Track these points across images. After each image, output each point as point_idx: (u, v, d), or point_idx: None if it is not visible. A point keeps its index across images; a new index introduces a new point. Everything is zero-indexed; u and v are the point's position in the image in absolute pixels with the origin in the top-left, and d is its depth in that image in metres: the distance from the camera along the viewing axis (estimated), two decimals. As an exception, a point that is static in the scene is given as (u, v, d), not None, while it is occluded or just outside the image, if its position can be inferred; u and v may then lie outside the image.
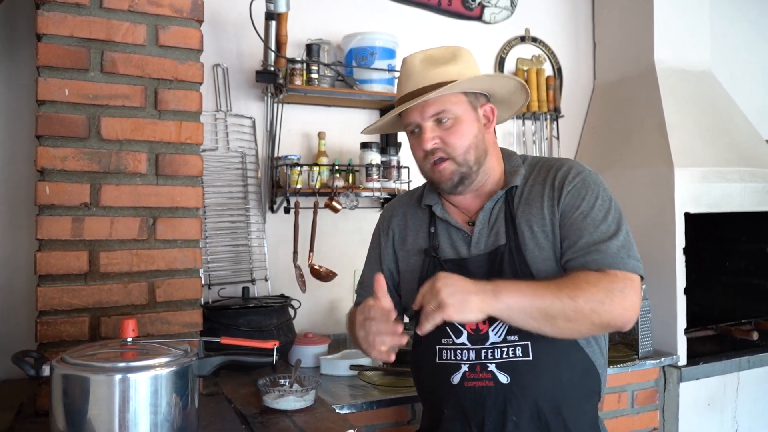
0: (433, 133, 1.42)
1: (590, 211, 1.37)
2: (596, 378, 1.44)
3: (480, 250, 1.45)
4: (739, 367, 2.77)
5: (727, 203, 2.78)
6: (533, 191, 1.45)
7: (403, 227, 1.61)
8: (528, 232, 1.41)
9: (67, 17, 1.65)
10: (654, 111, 2.89)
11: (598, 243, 1.33)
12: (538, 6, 3.24)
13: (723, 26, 3.50)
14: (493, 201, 1.47)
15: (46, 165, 1.62)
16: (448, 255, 1.48)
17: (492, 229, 1.45)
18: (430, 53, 1.47)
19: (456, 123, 1.42)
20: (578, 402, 1.41)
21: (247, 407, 1.70)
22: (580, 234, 1.36)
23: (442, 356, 1.44)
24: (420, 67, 1.45)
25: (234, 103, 2.50)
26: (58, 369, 1.21)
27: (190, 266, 1.78)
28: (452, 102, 1.42)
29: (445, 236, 1.51)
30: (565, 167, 1.45)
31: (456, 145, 1.42)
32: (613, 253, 1.32)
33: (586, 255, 1.33)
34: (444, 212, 1.52)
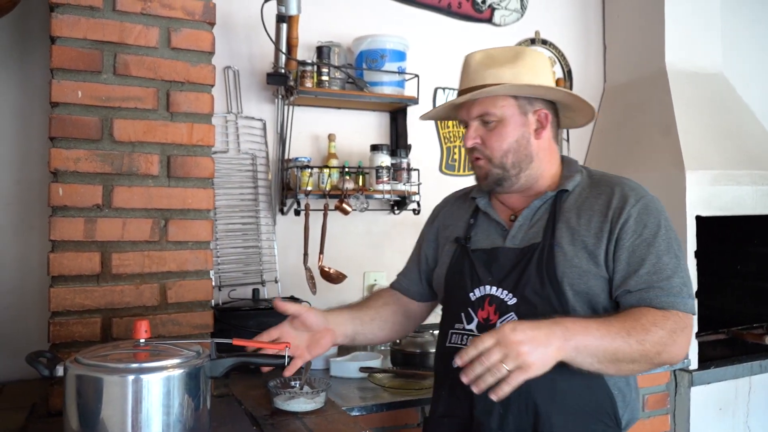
0: (476, 132, 1.46)
1: (653, 240, 1.35)
2: (607, 398, 1.37)
3: (515, 244, 1.45)
4: (750, 371, 2.75)
5: (738, 206, 2.76)
6: (587, 202, 1.43)
7: (448, 217, 1.65)
8: (568, 238, 1.39)
9: (81, 20, 1.66)
10: (665, 114, 2.87)
11: (663, 279, 1.32)
12: (549, 8, 3.23)
13: (735, 28, 3.48)
14: (542, 200, 1.47)
15: (59, 166, 1.63)
16: (481, 245, 1.50)
17: (532, 226, 1.46)
18: (492, 53, 1.47)
19: (499, 125, 1.44)
20: (576, 418, 1.35)
21: (258, 409, 1.70)
22: (642, 262, 1.33)
23: (451, 340, 1.47)
24: (475, 66, 1.46)
25: (245, 105, 2.51)
26: (71, 369, 1.21)
27: (202, 268, 1.79)
28: (498, 105, 1.43)
29: (482, 228, 1.53)
30: (627, 188, 1.42)
31: (494, 147, 1.44)
32: (676, 291, 1.31)
33: (650, 290, 1.32)
34: (487, 205, 1.54)
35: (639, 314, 1.29)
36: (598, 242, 1.37)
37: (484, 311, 1.41)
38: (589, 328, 1.23)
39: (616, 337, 1.23)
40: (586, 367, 1.24)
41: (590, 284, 1.36)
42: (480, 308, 1.43)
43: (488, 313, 1.41)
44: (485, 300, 1.42)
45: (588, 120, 1.58)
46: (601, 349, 1.22)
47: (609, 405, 1.37)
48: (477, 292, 1.44)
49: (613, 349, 1.23)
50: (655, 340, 1.25)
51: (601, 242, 1.37)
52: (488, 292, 1.43)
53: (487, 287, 1.43)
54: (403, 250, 2.78)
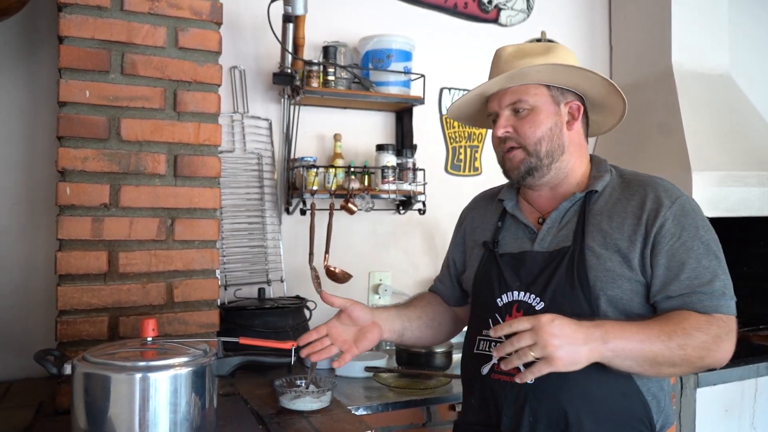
0: (507, 121, 1.43)
1: (692, 243, 1.32)
2: (639, 403, 1.33)
3: (543, 247, 1.43)
4: (757, 373, 2.74)
5: (745, 208, 2.75)
6: (619, 204, 1.39)
7: (476, 219, 1.63)
8: (600, 241, 1.36)
9: (89, 19, 1.67)
10: (671, 114, 2.86)
11: (705, 284, 1.29)
12: (555, 8, 3.23)
13: (742, 29, 3.46)
14: (570, 202, 1.44)
15: (66, 166, 1.64)
16: (509, 249, 1.48)
17: (561, 229, 1.43)
18: (523, 47, 1.47)
19: (532, 113, 1.42)
20: (608, 426, 1.32)
21: (264, 408, 1.70)
22: (682, 267, 1.30)
23: (480, 346, 1.45)
24: (507, 58, 1.45)
25: (251, 104, 2.51)
26: (79, 368, 1.22)
27: (208, 267, 1.80)
28: (530, 93, 1.42)
29: (511, 231, 1.51)
30: (660, 188, 1.38)
31: (528, 134, 1.41)
32: (718, 295, 1.29)
33: (692, 295, 1.29)
34: (515, 208, 1.52)
35: (680, 318, 1.27)
36: (632, 245, 1.34)
37: (512, 317, 1.38)
38: (628, 331, 1.22)
39: (656, 341, 1.22)
40: (625, 369, 1.24)
41: (623, 288, 1.33)
42: (508, 314, 1.40)
43: None
44: (513, 306, 1.40)
45: (616, 120, 1.55)
46: (640, 353, 1.21)
47: (643, 411, 1.34)
48: (504, 297, 1.42)
49: (653, 354, 1.22)
50: (697, 345, 1.24)
51: (635, 246, 1.33)
52: (516, 297, 1.41)
53: (515, 293, 1.41)
54: (408, 249, 2.80)
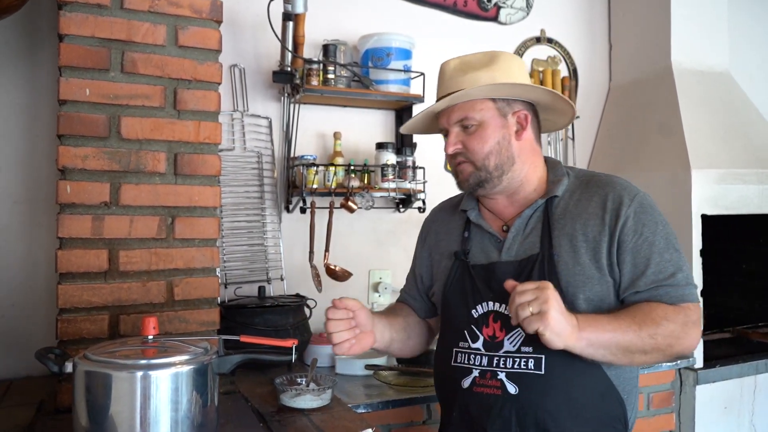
0: (457, 138, 1.45)
1: (654, 239, 1.36)
2: (617, 403, 1.37)
3: (511, 256, 1.43)
4: (756, 370, 2.75)
5: (744, 205, 2.75)
6: (580, 205, 1.42)
7: (439, 232, 1.62)
8: (567, 245, 1.38)
9: (89, 18, 1.67)
10: (671, 113, 2.87)
11: (669, 277, 1.34)
12: (554, 7, 3.23)
13: (741, 27, 3.47)
14: (532, 209, 1.45)
15: (67, 164, 1.64)
16: (479, 260, 1.48)
17: (527, 237, 1.44)
18: (467, 59, 1.47)
19: (479, 129, 1.43)
20: (591, 428, 1.35)
21: (264, 406, 1.71)
22: (647, 263, 1.34)
23: (457, 359, 1.44)
24: (451, 73, 1.46)
25: (251, 103, 2.51)
26: (80, 366, 1.22)
27: (208, 265, 1.80)
28: (476, 108, 1.43)
29: (477, 241, 1.51)
30: (619, 188, 1.42)
31: (475, 150, 1.43)
32: (683, 285, 1.34)
33: (659, 288, 1.33)
34: (478, 217, 1.52)
35: (649, 309, 1.31)
36: (598, 246, 1.36)
37: (489, 328, 1.39)
38: (600, 322, 1.26)
39: (628, 330, 1.26)
40: (599, 359, 1.28)
41: (595, 290, 1.35)
42: (484, 325, 1.40)
43: (494, 330, 1.39)
44: (489, 316, 1.40)
45: (568, 120, 1.57)
46: (613, 342, 1.25)
47: (620, 411, 1.38)
48: (479, 308, 1.42)
49: (625, 343, 1.26)
50: (667, 334, 1.28)
51: (601, 246, 1.36)
52: (491, 308, 1.41)
53: (489, 303, 1.41)
54: (408, 248, 2.78)
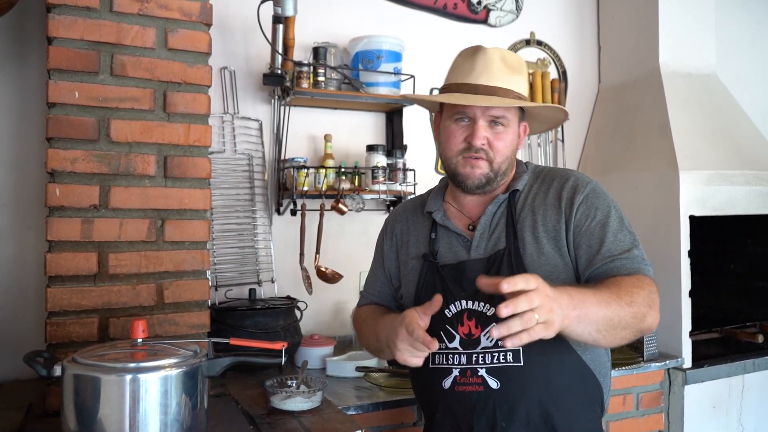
0: (485, 132, 1.42)
1: (607, 221, 1.38)
2: (595, 386, 1.41)
3: (480, 254, 1.45)
4: (744, 369, 2.77)
5: (732, 206, 2.78)
6: (537, 199, 1.46)
7: (405, 233, 1.61)
8: (530, 237, 1.41)
9: (78, 20, 1.67)
10: (659, 114, 2.89)
11: (624, 251, 1.35)
12: (543, 9, 3.25)
13: (729, 29, 3.50)
14: (495, 205, 1.47)
15: (56, 167, 1.63)
16: (447, 260, 1.48)
17: (493, 233, 1.46)
18: (505, 56, 1.45)
19: (505, 131, 1.44)
20: (573, 410, 1.38)
21: (255, 408, 1.71)
22: (602, 242, 1.36)
23: (435, 361, 1.44)
24: (500, 67, 1.42)
25: (241, 105, 2.51)
26: (69, 369, 1.22)
27: (198, 268, 1.80)
28: (512, 111, 1.45)
29: (445, 242, 1.51)
30: (572, 178, 1.46)
31: (500, 151, 1.44)
32: (639, 260, 1.35)
33: (614, 261, 1.34)
34: (444, 218, 1.52)
35: (616, 281, 1.29)
36: (558, 234, 1.40)
37: (465, 326, 1.40)
38: (587, 296, 1.21)
39: (611, 302, 1.22)
40: (584, 337, 1.21)
41: (561, 278, 1.37)
42: (459, 324, 1.41)
43: (469, 327, 1.40)
44: (463, 315, 1.41)
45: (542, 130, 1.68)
46: (600, 316, 1.20)
47: (598, 394, 1.42)
48: (453, 308, 1.42)
49: (610, 315, 1.21)
50: (641, 301, 1.26)
51: (560, 234, 1.40)
52: (464, 307, 1.41)
53: (462, 302, 1.42)
54: (398, 249, 2.81)
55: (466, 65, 1.45)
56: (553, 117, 1.59)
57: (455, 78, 1.46)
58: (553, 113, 1.58)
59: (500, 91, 1.41)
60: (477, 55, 1.44)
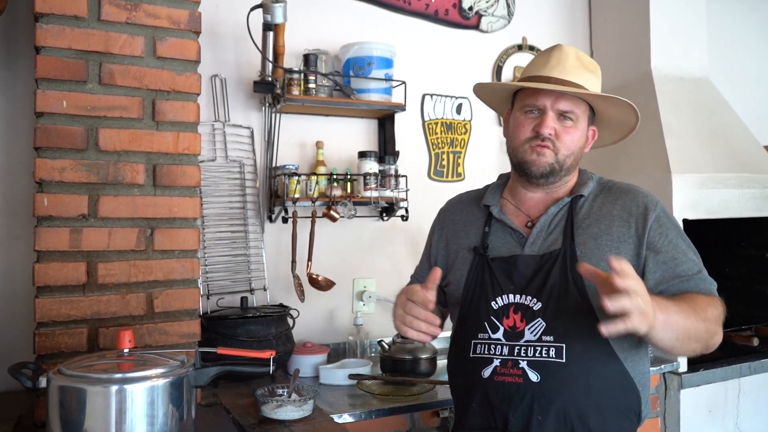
0: (554, 123, 1.46)
1: (678, 241, 1.43)
2: (635, 395, 1.41)
3: (534, 251, 1.46)
4: (740, 373, 2.76)
5: (725, 209, 2.78)
6: (604, 208, 1.48)
7: (458, 223, 1.63)
8: (592, 243, 1.42)
9: (66, 30, 1.66)
10: (651, 118, 2.89)
11: (696, 273, 1.41)
12: (535, 15, 3.25)
13: (720, 33, 3.51)
14: (558, 206, 1.50)
15: (44, 176, 1.63)
16: (499, 253, 1.50)
17: (550, 233, 1.48)
18: (580, 55, 1.51)
19: (574, 126, 1.47)
20: (610, 414, 1.38)
21: (246, 417, 1.70)
22: (676, 262, 1.41)
23: (477, 350, 1.45)
24: (573, 62, 1.48)
25: (232, 113, 2.51)
26: (54, 381, 1.21)
27: (188, 276, 1.79)
28: (581, 108, 1.48)
29: (498, 237, 1.53)
30: (641, 195, 1.49)
31: (567, 143, 1.46)
32: (709, 282, 1.42)
33: (690, 280, 1.40)
34: (501, 213, 1.55)
35: (692, 297, 1.35)
36: (622, 246, 1.42)
37: (510, 319, 1.42)
38: (669, 305, 1.26)
39: (690, 314, 1.29)
40: (664, 343, 1.26)
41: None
42: (505, 316, 1.43)
43: (514, 321, 1.42)
44: (509, 308, 1.43)
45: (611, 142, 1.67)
46: (681, 325, 1.26)
47: (636, 402, 1.42)
48: (499, 300, 1.45)
49: (689, 326, 1.28)
50: (713, 319, 1.33)
51: (626, 246, 1.42)
52: (512, 300, 1.44)
53: (510, 296, 1.44)
54: (392, 256, 2.80)
55: (542, 60, 1.51)
56: (624, 120, 1.58)
57: (529, 72, 1.53)
58: (623, 114, 1.56)
59: (571, 85, 1.45)
60: (553, 51, 1.51)
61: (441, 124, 2.95)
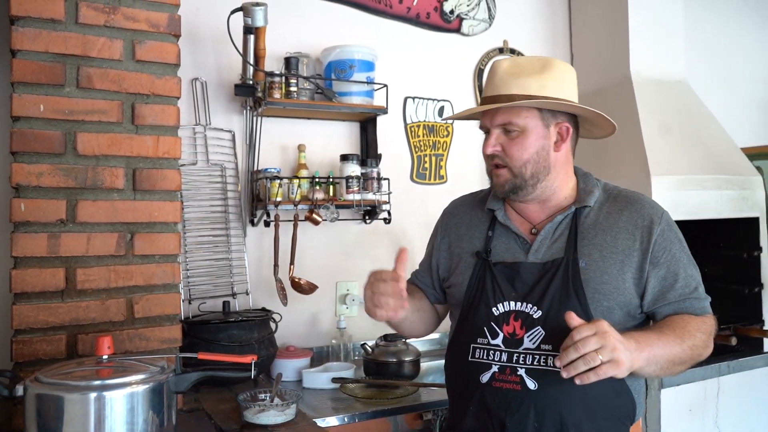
0: (497, 140, 1.46)
1: (680, 255, 1.45)
2: (630, 402, 1.43)
3: (537, 258, 1.46)
4: (719, 372, 2.80)
5: (703, 210, 2.81)
6: (610, 219, 1.47)
7: (461, 226, 1.63)
8: (597, 254, 1.42)
9: (42, 33, 1.64)
10: (630, 121, 2.92)
11: (693, 290, 1.44)
12: (516, 18, 3.27)
13: (698, 36, 3.56)
14: (564, 215, 1.48)
15: (21, 181, 1.61)
16: (502, 259, 1.49)
17: (555, 241, 1.47)
18: (520, 61, 1.48)
19: (521, 136, 1.44)
20: (604, 424, 1.39)
21: (228, 423, 1.68)
22: (675, 277, 1.43)
23: (475, 355, 1.45)
24: (502, 75, 1.46)
25: (213, 116, 2.49)
26: (31, 389, 1.19)
27: (169, 281, 1.77)
28: (521, 115, 1.43)
29: (502, 241, 1.52)
30: (647, 206, 1.49)
31: (514, 156, 1.44)
32: (703, 299, 1.45)
33: (686, 301, 1.43)
34: (506, 218, 1.54)
35: (683, 322, 1.39)
36: (627, 259, 1.42)
37: (510, 326, 1.42)
38: (652, 339, 1.31)
39: (674, 344, 1.33)
40: (648, 374, 1.33)
41: (618, 299, 1.41)
42: (505, 323, 1.43)
43: (514, 328, 1.42)
44: (510, 315, 1.43)
45: (606, 135, 1.60)
46: (664, 358, 1.31)
47: (631, 409, 1.43)
48: (501, 307, 1.45)
49: (672, 356, 1.32)
50: (700, 344, 1.38)
51: (630, 259, 1.42)
52: (512, 307, 1.44)
53: (511, 303, 1.44)
54: (375, 259, 2.80)
55: (486, 82, 1.52)
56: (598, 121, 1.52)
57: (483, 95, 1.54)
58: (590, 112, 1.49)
59: (502, 98, 1.43)
60: (490, 69, 1.51)
61: (423, 126, 2.96)
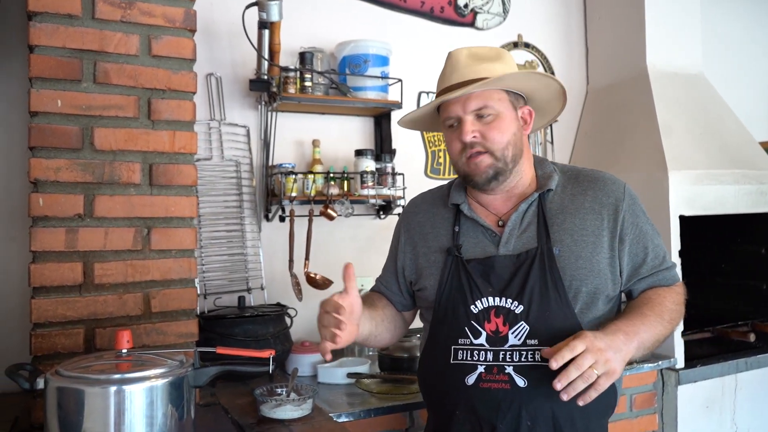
0: (473, 126, 1.42)
1: (645, 227, 1.47)
2: (613, 393, 1.42)
3: (509, 250, 1.43)
4: (736, 368, 2.77)
5: (721, 205, 2.78)
6: (576, 201, 1.46)
7: (425, 225, 1.58)
8: (569, 240, 1.41)
9: (60, 28, 1.65)
10: (647, 115, 2.89)
11: (662, 261, 1.48)
12: (531, 12, 3.25)
13: (714, 29, 3.52)
14: (527, 203, 1.46)
15: (39, 176, 1.61)
16: (474, 254, 1.46)
17: (524, 231, 1.45)
18: (476, 50, 1.47)
19: (497, 119, 1.42)
20: (593, 416, 1.38)
21: (244, 417, 1.69)
22: (645, 251, 1.46)
23: (458, 356, 1.40)
24: (466, 62, 1.44)
25: (228, 111, 2.49)
26: (52, 382, 1.20)
27: (185, 276, 1.78)
28: (495, 98, 1.43)
29: (470, 236, 1.49)
30: (609, 182, 1.49)
31: (496, 139, 1.42)
32: (671, 267, 1.49)
33: (658, 274, 1.47)
34: (472, 212, 1.51)
35: (659, 297, 1.44)
36: (598, 240, 1.42)
37: (492, 323, 1.38)
38: (637, 325, 1.34)
39: (657, 324, 1.37)
40: (636, 358, 1.36)
41: (595, 282, 1.40)
42: (486, 321, 1.39)
43: (496, 325, 1.38)
44: (490, 312, 1.39)
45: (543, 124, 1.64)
46: (650, 340, 1.35)
47: (614, 398, 1.45)
48: (479, 304, 1.41)
49: (657, 336, 1.37)
50: (677, 316, 1.43)
51: (601, 240, 1.42)
52: (491, 303, 1.40)
53: (489, 298, 1.40)
54: (389, 254, 2.79)
55: (442, 74, 1.50)
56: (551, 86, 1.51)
57: (438, 89, 1.51)
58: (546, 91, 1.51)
59: (471, 83, 1.41)
60: (447, 61, 1.49)
61: (437, 121, 2.95)
